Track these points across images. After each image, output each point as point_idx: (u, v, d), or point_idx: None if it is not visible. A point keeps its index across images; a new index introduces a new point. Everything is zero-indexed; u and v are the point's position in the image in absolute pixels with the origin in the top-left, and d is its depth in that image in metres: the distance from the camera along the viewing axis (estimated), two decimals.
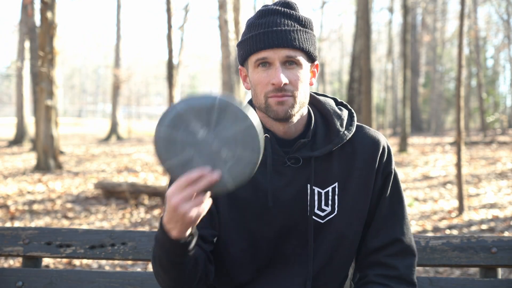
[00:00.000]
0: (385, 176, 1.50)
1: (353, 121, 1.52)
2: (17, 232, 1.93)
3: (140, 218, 7.02)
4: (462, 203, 6.80)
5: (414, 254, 1.51)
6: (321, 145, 1.47)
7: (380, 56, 32.31)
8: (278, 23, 1.39)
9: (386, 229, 1.50)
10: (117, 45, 23.43)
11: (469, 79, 22.93)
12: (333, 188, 1.48)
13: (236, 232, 1.48)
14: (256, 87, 1.43)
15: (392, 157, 1.53)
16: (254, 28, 1.41)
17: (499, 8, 24.10)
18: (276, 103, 1.39)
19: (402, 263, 1.48)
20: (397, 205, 1.52)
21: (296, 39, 1.39)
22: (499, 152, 13.96)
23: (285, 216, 1.47)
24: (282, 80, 1.37)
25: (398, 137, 17.60)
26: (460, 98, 6.93)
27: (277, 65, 1.39)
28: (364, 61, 9.24)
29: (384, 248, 1.49)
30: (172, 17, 7.91)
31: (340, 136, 1.47)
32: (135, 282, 1.84)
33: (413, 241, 1.52)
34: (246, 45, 1.42)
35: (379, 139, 1.51)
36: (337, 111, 1.52)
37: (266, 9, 1.43)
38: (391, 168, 1.51)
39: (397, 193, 1.52)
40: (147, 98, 56.20)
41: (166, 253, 1.29)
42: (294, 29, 1.40)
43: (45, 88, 10.94)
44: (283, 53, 1.38)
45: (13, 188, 9.16)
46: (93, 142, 20.82)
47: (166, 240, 1.25)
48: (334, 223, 1.47)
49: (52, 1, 10.97)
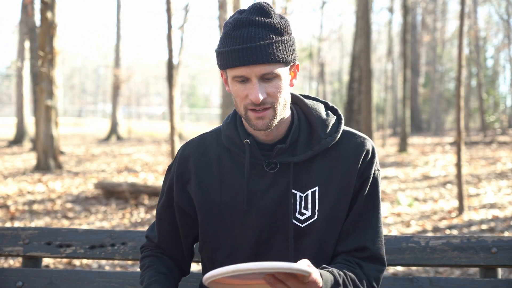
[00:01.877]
0: (362, 181, 1.48)
1: (339, 127, 1.51)
2: (17, 232, 1.93)
3: (140, 218, 7.02)
4: (462, 203, 6.80)
5: (382, 262, 1.49)
6: (301, 151, 1.47)
7: (380, 56, 32.29)
8: (253, 38, 1.37)
9: (355, 235, 1.47)
10: (117, 45, 23.42)
11: (469, 79, 22.93)
12: (313, 192, 1.47)
13: (220, 237, 1.50)
14: (235, 97, 1.44)
15: (374, 162, 1.50)
16: (230, 42, 1.39)
17: (499, 8, 24.10)
18: (256, 118, 1.41)
19: (368, 265, 1.46)
20: (371, 211, 1.49)
21: (272, 54, 1.37)
22: (499, 152, 13.95)
23: (265, 220, 1.46)
24: (259, 97, 1.37)
25: (398, 137, 17.60)
26: (460, 98, 6.93)
27: (254, 82, 1.38)
28: (364, 61, 9.24)
29: (351, 252, 1.47)
30: (172, 17, 7.91)
31: (321, 143, 1.47)
32: (135, 282, 1.84)
33: (382, 251, 1.49)
34: (223, 59, 1.41)
35: (364, 143, 1.50)
36: (323, 117, 1.51)
37: (241, 19, 1.40)
38: (370, 172, 1.49)
39: (373, 199, 1.49)
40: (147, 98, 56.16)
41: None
42: (270, 41, 1.38)
43: (45, 88, 10.94)
44: (259, 70, 1.38)
45: (13, 188, 9.16)
46: (93, 142, 20.81)
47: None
48: (314, 228, 1.46)
49: (52, 1, 10.97)
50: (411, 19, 23.03)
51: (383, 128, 19.24)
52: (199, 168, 1.54)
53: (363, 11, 9.46)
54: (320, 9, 24.34)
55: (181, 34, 17.58)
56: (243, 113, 1.43)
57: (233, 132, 1.51)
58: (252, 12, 1.41)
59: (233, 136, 1.51)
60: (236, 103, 1.45)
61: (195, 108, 46.33)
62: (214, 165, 1.52)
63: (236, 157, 1.51)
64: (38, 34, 11.76)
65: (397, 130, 25.11)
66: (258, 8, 1.41)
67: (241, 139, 1.49)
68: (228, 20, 1.45)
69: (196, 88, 53.80)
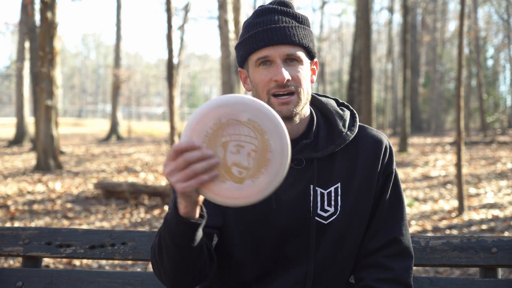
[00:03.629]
0: (385, 176, 1.49)
1: (355, 121, 1.51)
2: (17, 232, 1.93)
3: (140, 218, 7.02)
4: (462, 203, 6.80)
5: (411, 256, 1.50)
6: (324, 146, 1.46)
7: (380, 56, 32.32)
8: (276, 21, 1.39)
9: (384, 230, 1.48)
10: (117, 45, 23.43)
11: (469, 79, 22.94)
12: (336, 189, 1.46)
13: (239, 236, 1.46)
14: (257, 86, 1.42)
15: (393, 158, 1.52)
16: (252, 28, 1.41)
17: (499, 8, 24.11)
18: (280, 104, 1.39)
19: (399, 265, 1.46)
20: (397, 206, 1.50)
21: (296, 35, 1.39)
22: (499, 152, 13.95)
23: (288, 217, 1.45)
24: (285, 76, 1.37)
25: (398, 137, 17.60)
26: (460, 98, 6.93)
27: (279, 62, 1.38)
28: (364, 61, 9.24)
29: (381, 249, 1.47)
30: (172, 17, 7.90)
31: (342, 136, 1.46)
32: (135, 282, 1.84)
33: (410, 243, 1.51)
34: (246, 45, 1.42)
35: (382, 139, 1.51)
36: (339, 112, 1.51)
37: (262, 9, 1.43)
38: (392, 168, 1.50)
39: (397, 194, 1.51)
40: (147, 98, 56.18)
41: (173, 234, 1.25)
42: (292, 25, 1.40)
43: (45, 88, 10.94)
44: (283, 50, 1.38)
45: (13, 188, 9.16)
46: (93, 142, 20.82)
47: (174, 218, 1.23)
48: (336, 224, 1.46)
49: (52, 1, 10.97)
50: (411, 19, 23.04)
51: (383, 128, 19.26)
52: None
53: (363, 11, 9.46)
54: (320, 9, 24.36)
55: (181, 34, 17.57)
56: (266, 100, 1.40)
57: None
58: (273, 3, 1.44)
59: None
60: (257, 94, 1.43)
61: (195, 108, 46.31)
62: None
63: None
64: (38, 34, 11.77)
65: (397, 130, 25.11)
66: (279, 0, 1.45)
67: None
68: (248, 18, 1.48)
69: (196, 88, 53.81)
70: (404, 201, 1.52)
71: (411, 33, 21.05)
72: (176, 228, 1.24)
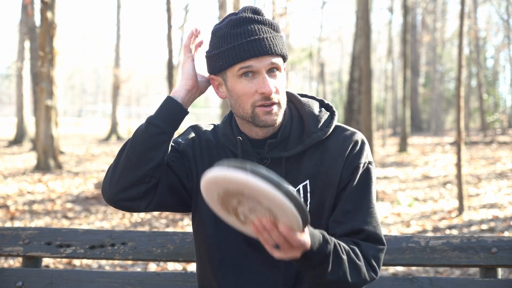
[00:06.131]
0: (352, 170, 1.48)
1: (332, 122, 1.53)
2: (17, 232, 1.93)
3: (140, 218, 7.02)
4: (462, 203, 6.80)
5: (381, 242, 1.46)
6: (293, 146, 1.49)
7: (380, 56, 32.31)
8: (257, 31, 1.42)
9: (347, 222, 1.45)
10: (117, 45, 23.43)
11: (469, 79, 22.93)
12: (304, 186, 1.49)
13: (212, 228, 1.52)
14: (240, 97, 1.44)
15: (363, 153, 1.50)
16: (233, 39, 1.42)
17: (499, 8, 24.10)
18: (264, 113, 1.43)
19: (365, 244, 1.44)
20: (362, 199, 1.48)
21: (277, 45, 1.43)
22: (499, 152, 13.96)
23: None
24: (272, 89, 1.41)
25: (398, 137, 17.60)
26: (460, 98, 6.94)
27: (264, 74, 1.41)
28: (364, 61, 9.22)
29: (346, 236, 1.45)
30: (172, 17, 7.91)
31: (312, 137, 1.49)
32: (135, 282, 1.84)
33: (379, 230, 1.47)
34: (228, 56, 1.43)
35: (352, 135, 1.52)
36: (315, 113, 1.53)
37: (238, 19, 1.44)
38: (359, 162, 1.49)
39: (364, 187, 1.48)
40: (147, 98, 56.15)
41: (159, 117, 1.46)
42: (271, 35, 1.43)
43: (45, 88, 10.94)
44: (267, 61, 1.41)
45: (13, 188, 9.16)
46: (93, 142, 20.82)
47: (170, 102, 1.48)
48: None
49: (52, 1, 10.97)
50: (411, 19, 23.05)
51: (383, 128, 19.24)
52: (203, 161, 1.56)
53: (363, 11, 9.45)
54: (320, 9, 24.36)
55: (181, 34, 17.58)
56: (250, 111, 1.44)
57: (228, 130, 1.55)
58: (246, 12, 1.46)
59: (228, 134, 1.55)
60: (239, 105, 1.45)
61: (195, 108, 46.33)
62: (214, 160, 1.53)
63: (230, 155, 1.54)
64: (38, 34, 11.76)
65: (397, 130, 25.12)
66: (251, 8, 1.47)
67: (235, 137, 1.52)
68: (219, 25, 1.48)
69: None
70: (372, 194, 1.49)
71: (411, 33, 21.04)
72: (166, 111, 1.46)
